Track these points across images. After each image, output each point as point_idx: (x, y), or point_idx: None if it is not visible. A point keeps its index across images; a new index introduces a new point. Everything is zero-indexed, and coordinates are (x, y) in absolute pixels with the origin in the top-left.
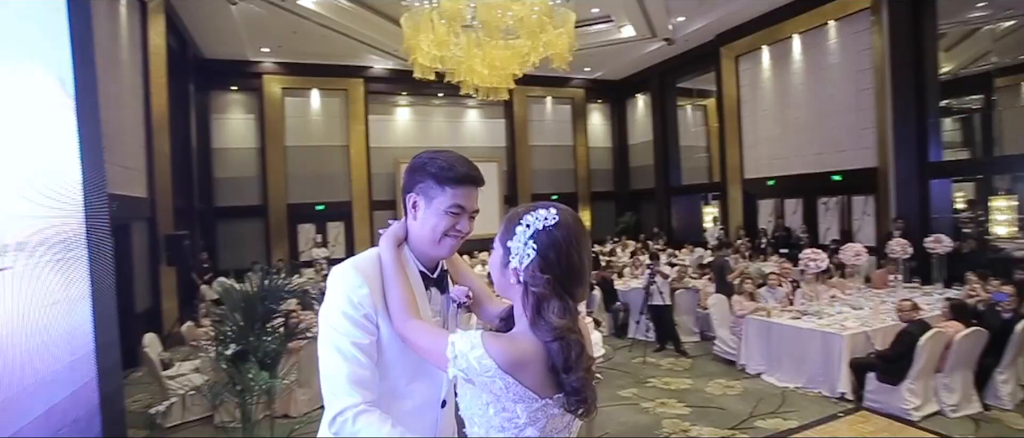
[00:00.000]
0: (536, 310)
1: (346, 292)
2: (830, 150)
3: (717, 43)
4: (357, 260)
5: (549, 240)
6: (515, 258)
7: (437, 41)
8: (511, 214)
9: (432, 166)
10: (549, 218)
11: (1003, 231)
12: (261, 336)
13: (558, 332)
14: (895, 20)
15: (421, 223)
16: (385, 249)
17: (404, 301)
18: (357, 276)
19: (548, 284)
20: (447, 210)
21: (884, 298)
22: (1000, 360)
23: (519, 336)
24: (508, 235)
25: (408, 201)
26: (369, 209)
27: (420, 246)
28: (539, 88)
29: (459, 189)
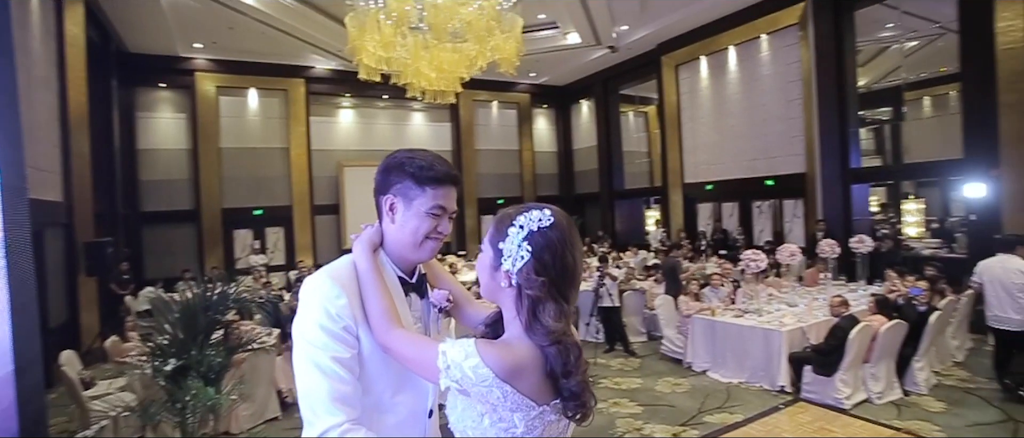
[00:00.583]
0: (531, 314)
1: (322, 304)
2: (763, 156)
3: (658, 52)
4: (331, 269)
5: (544, 241)
6: (507, 260)
7: (383, 42)
8: (501, 215)
9: (410, 166)
10: (544, 219)
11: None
12: (204, 349)
13: (555, 336)
14: (820, 35)
15: (400, 226)
16: (361, 255)
17: (385, 310)
18: (333, 286)
19: (543, 287)
20: (428, 211)
21: (816, 295)
22: (917, 349)
23: (514, 342)
24: (499, 237)
25: (383, 203)
26: (310, 214)
27: (399, 250)
28: (485, 92)
29: (440, 189)
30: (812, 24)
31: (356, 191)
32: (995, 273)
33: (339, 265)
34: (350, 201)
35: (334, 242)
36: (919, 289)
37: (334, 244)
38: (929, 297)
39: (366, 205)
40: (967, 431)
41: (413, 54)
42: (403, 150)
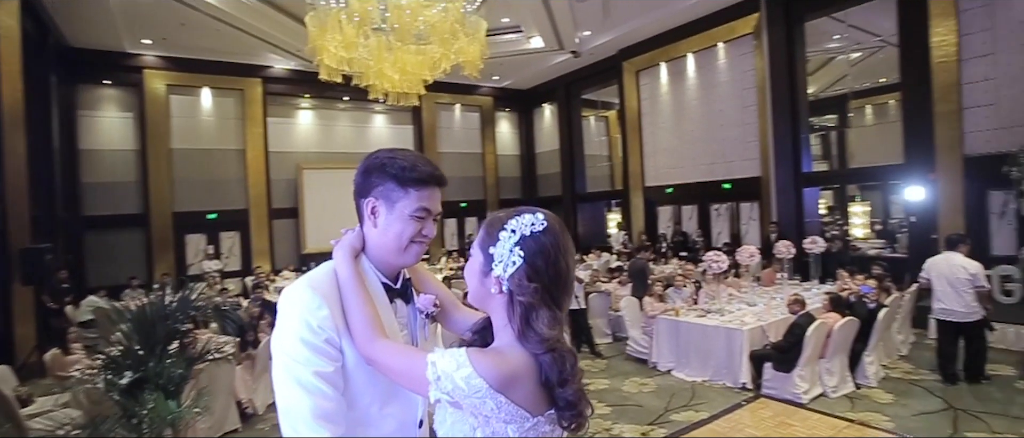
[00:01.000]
0: (524, 321)
1: (303, 315)
2: (721, 161)
3: (620, 58)
4: (311, 278)
5: (537, 246)
6: (499, 266)
7: (345, 43)
8: (492, 219)
9: (392, 167)
10: (536, 223)
11: (860, 233)
12: (163, 360)
13: (549, 344)
14: (773, 45)
15: (383, 230)
16: (342, 262)
17: (368, 320)
18: (314, 296)
19: (536, 293)
20: (412, 214)
21: (773, 294)
22: (867, 344)
23: (507, 350)
24: (490, 241)
25: (365, 206)
26: (268, 217)
27: (382, 255)
28: (448, 95)
29: (424, 190)
30: (766, 34)
31: (316, 194)
32: (941, 269)
33: (319, 274)
34: (309, 204)
35: (293, 246)
36: (869, 287)
37: (293, 249)
38: (878, 295)
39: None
40: (913, 420)
41: (376, 55)
42: (384, 150)
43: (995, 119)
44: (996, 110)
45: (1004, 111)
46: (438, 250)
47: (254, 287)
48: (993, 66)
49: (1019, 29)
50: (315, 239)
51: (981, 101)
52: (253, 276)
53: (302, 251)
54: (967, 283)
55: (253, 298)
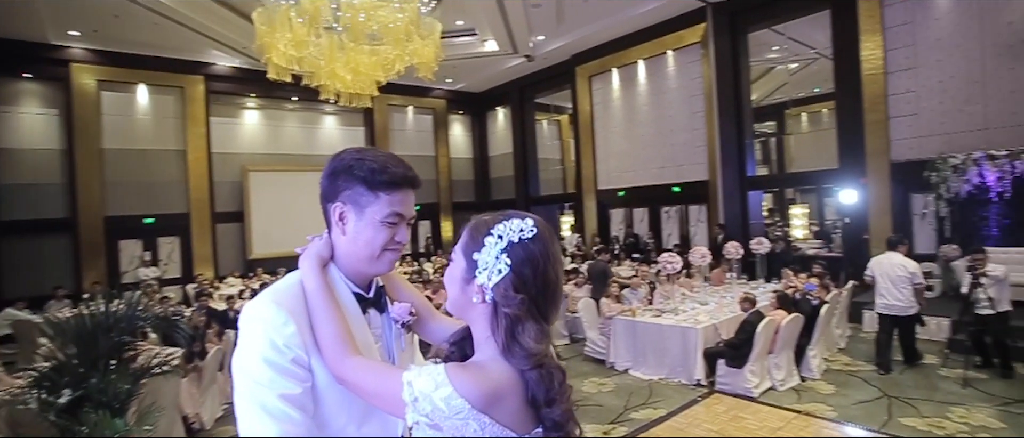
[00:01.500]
0: (509, 334)
1: (267, 333)
2: (671, 164)
3: (573, 63)
4: (276, 291)
5: (525, 255)
6: (483, 273)
7: (295, 41)
8: (476, 223)
9: (360, 168)
10: (525, 229)
11: (799, 234)
12: (107, 376)
13: (536, 359)
14: (719, 54)
15: (353, 237)
16: (309, 273)
17: (338, 336)
18: (279, 312)
19: (522, 305)
20: (384, 220)
21: (723, 293)
22: (811, 339)
23: (490, 365)
24: (474, 246)
25: (332, 212)
26: (211, 222)
27: (353, 264)
28: (400, 97)
29: (396, 194)
30: (712, 43)
31: (263, 197)
32: (883, 267)
33: (284, 286)
34: (256, 208)
35: (238, 252)
36: (812, 285)
37: (238, 254)
38: (820, 292)
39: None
40: (853, 409)
41: (328, 55)
42: (351, 150)
43: (917, 128)
44: (918, 120)
45: (924, 121)
46: None
47: (197, 295)
48: (914, 79)
49: (936, 46)
50: (262, 244)
51: (905, 111)
52: (195, 284)
53: (248, 257)
54: (906, 280)
55: (198, 307)
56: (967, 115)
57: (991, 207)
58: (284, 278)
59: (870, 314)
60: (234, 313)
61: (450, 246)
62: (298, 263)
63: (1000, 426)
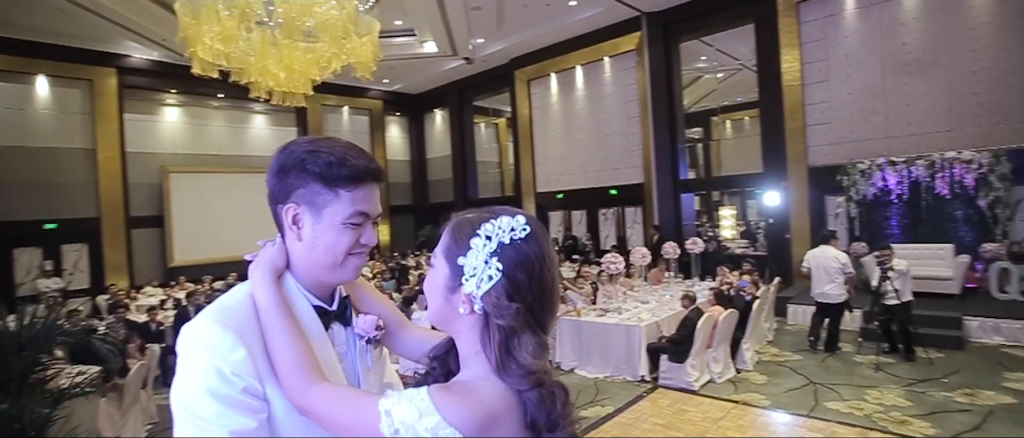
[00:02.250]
0: (504, 349)
1: (211, 361)
2: (607, 168)
3: (512, 66)
4: (220, 309)
5: (518, 257)
6: (470, 281)
7: (223, 35)
8: (458, 223)
9: (315, 162)
10: (517, 228)
11: (728, 234)
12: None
13: (536, 377)
14: (653, 62)
15: (310, 243)
16: (261, 286)
17: (299, 359)
18: (225, 334)
19: (518, 315)
20: (346, 221)
21: (662, 292)
22: (744, 333)
23: (481, 385)
24: (458, 249)
25: (284, 214)
26: (125, 227)
27: (312, 273)
28: (335, 97)
29: (359, 190)
30: (647, 51)
31: (185, 200)
32: (818, 260)
33: (230, 303)
34: (178, 212)
35: (157, 260)
36: (746, 281)
37: (157, 262)
38: (753, 288)
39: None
40: (784, 396)
41: (259, 51)
42: (301, 142)
43: (830, 136)
44: (831, 128)
45: (836, 129)
46: None
47: (112, 307)
48: (828, 91)
49: (845, 61)
50: (185, 251)
51: (820, 120)
52: (108, 295)
53: (169, 264)
54: (838, 271)
55: (115, 319)
56: (872, 125)
57: (892, 208)
58: (230, 292)
59: (794, 308)
60: (156, 325)
61: (386, 251)
62: (247, 273)
63: (908, 404)
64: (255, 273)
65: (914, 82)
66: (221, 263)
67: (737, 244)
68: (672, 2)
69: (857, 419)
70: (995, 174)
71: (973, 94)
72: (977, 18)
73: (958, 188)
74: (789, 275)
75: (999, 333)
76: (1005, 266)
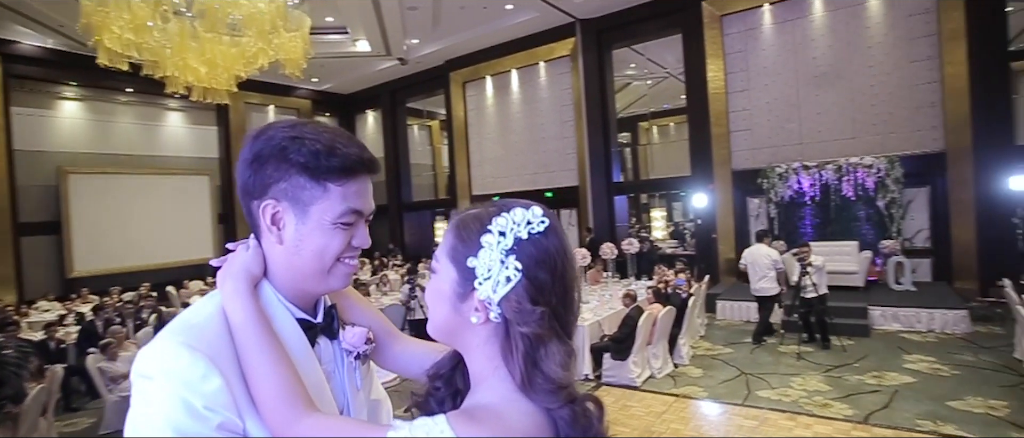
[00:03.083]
0: (530, 361)
1: (177, 393)
2: (543, 171)
3: (447, 68)
4: (185, 328)
5: (539, 254)
6: (485, 284)
7: (134, 24)
8: (463, 220)
9: (298, 151)
10: (534, 221)
11: (659, 235)
12: None
13: (567, 392)
14: (587, 67)
15: (293, 246)
16: (236, 298)
17: (285, 386)
18: (195, 359)
19: (543, 320)
20: (337, 220)
21: (601, 292)
22: (681, 329)
23: (507, 408)
24: (467, 250)
25: (261, 212)
26: (13, 234)
27: (295, 281)
28: (259, 94)
29: (351, 184)
30: (581, 57)
31: (87, 204)
32: (754, 256)
33: (196, 319)
34: (78, 217)
35: (53, 271)
36: (682, 279)
37: (53, 273)
38: (688, 286)
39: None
40: (719, 387)
41: (177, 43)
42: (279, 125)
43: (751, 141)
44: (752, 134)
45: (757, 135)
46: None
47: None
48: (748, 100)
49: (764, 72)
50: (86, 260)
51: (742, 126)
52: None
53: (67, 275)
54: (770, 266)
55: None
56: (787, 132)
57: (806, 209)
58: (195, 307)
59: (722, 303)
60: (57, 344)
61: None
62: (216, 282)
63: (828, 388)
64: (227, 283)
65: (823, 93)
66: (130, 273)
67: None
68: (605, 10)
69: (786, 405)
70: (891, 177)
71: (872, 106)
72: (874, 38)
73: (861, 190)
74: (716, 273)
75: (897, 320)
76: (900, 260)
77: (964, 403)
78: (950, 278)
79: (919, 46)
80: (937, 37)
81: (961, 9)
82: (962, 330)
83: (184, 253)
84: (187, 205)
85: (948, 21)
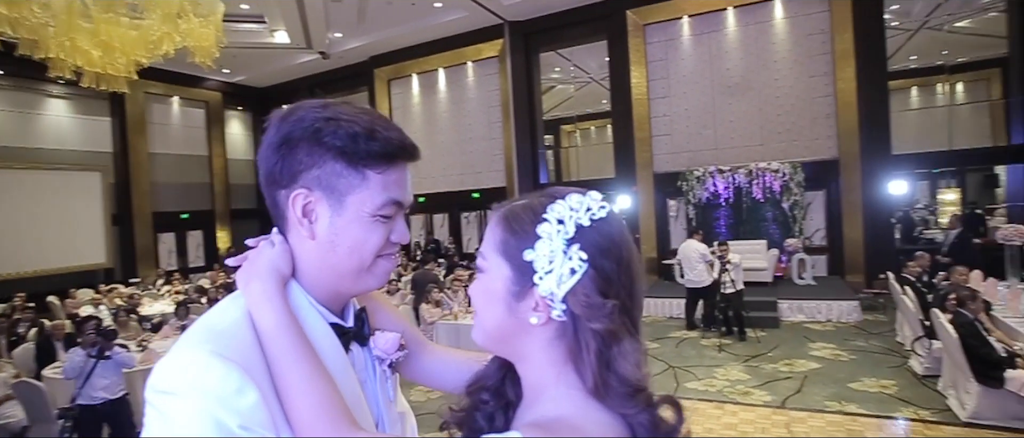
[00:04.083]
0: (602, 362)
1: (210, 411)
2: (470, 171)
3: (371, 64)
4: (211, 336)
5: (604, 242)
6: (547, 279)
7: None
8: (512, 210)
9: (335, 134)
10: (594, 207)
11: None
12: None
13: (645, 395)
14: (515, 69)
15: (329, 241)
16: (265, 302)
17: (326, 402)
18: (229, 370)
19: (614, 314)
20: (377, 212)
21: None
22: None
23: (583, 418)
24: (522, 242)
25: (290, 203)
26: None
27: (329, 280)
28: (162, 84)
29: (391, 171)
30: (509, 59)
31: None
32: (685, 252)
33: (221, 325)
34: None
35: None
36: None
37: None
38: None
39: None
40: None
41: (63, 22)
42: (310, 105)
43: (671, 146)
44: (672, 139)
45: (676, 140)
46: (151, 272)
47: None
48: (669, 106)
49: (683, 81)
50: None
51: (663, 131)
52: None
53: None
54: (700, 259)
55: None
56: (704, 137)
57: (721, 210)
58: (217, 312)
59: (647, 301)
60: None
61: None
62: (237, 284)
63: (748, 377)
64: (253, 284)
65: (735, 102)
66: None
67: None
68: (534, 13)
69: (712, 395)
70: (794, 182)
71: (778, 115)
72: (779, 53)
73: (768, 193)
74: None
75: (801, 312)
76: (802, 257)
77: (862, 384)
78: (842, 272)
79: (817, 63)
80: (831, 55)
81: (850, 31)
82: (854, 319)
83: (69, 258)
84: (73, 204)
85: (840, 42)
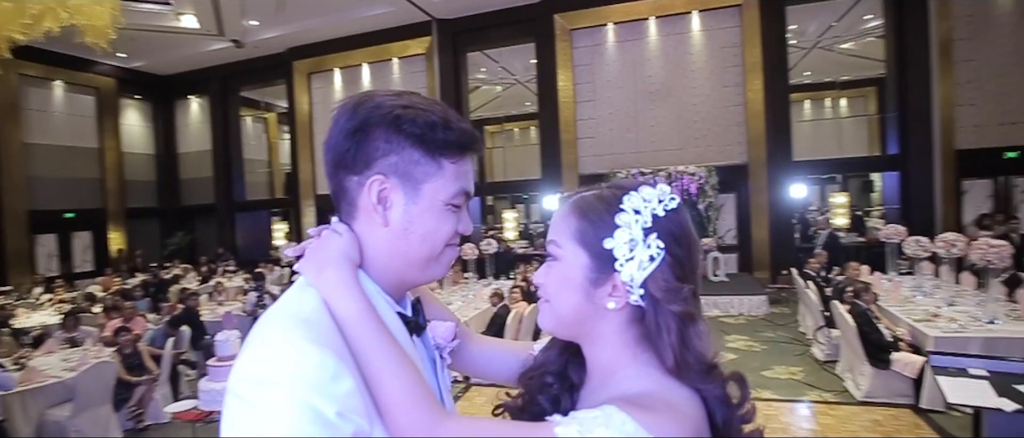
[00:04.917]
0: (682, 342)
1: (306, 399)
2: None
3: (290, 56)
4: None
5: (677, 230)
6: (628, 266)
7: None
8: (586, 200)
9: (413, 122)
10: (665, 197)
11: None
12: None
13: (718, 371)
14: (443, 68)
15: (403, 229)
16: (343, 290)
17: (417, 388)
18: (325, 357)
19: (691, 297)
20: (449, 202)
21: (464, 292)
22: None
23: (671, 394)
24: (600, 231)
25: (364, 190)
26: None
27: (399, 269)
28: (41, 66)
29: (463, 162)
30: (437, 57)
31: None
32: None
33: (303, 312)
34: None
35: None
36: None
37: None
38: None
39: None
40: None
41: None
42: (383, 93)
43: (596, 148)
44: (597, 141)
45: (601, 142)
46: (25, 279)
47: None
48: (594, 109)
49: (607, 85)
50: None
51: (589, 134)
52: None
53: None
54: None
55: None
56: (627, 141)
57: None
58: (294, 300)
59: None
60: None
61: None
62: (301, 271)
63: None
64: (328, 272)
65: (656, 108)
66: None
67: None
68: (463, 12)
69: None
70: (709, 184)
71: (694, 121)
72: (696, 63)
73: (686, 195)
74: None
75: (717, 307)
76: (716, 255)
77: (773, 372)
78: (751, 269)
79: (730, 74)
80: (742, 67)
81: (758, 46)
82: (763, 312)
83: None
84: None
85: (749, 55)
